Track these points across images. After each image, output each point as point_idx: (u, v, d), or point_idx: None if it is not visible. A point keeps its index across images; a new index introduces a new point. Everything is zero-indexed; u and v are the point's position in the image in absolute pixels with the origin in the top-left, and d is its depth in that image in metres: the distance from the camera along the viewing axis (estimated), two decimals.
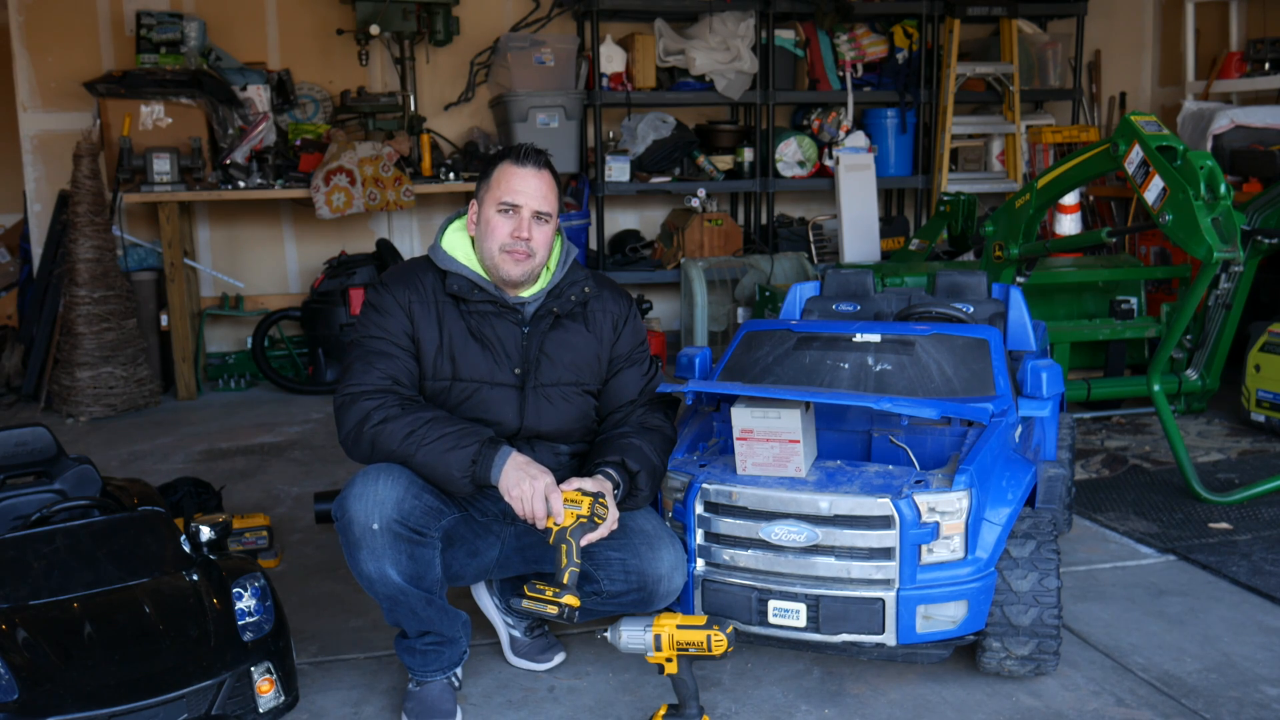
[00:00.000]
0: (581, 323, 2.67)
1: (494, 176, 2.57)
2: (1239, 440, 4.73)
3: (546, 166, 2.59)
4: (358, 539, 2.37)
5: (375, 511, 2.35)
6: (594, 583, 2.55)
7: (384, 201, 5.97)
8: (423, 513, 2.42)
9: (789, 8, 6.70)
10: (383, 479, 2.38)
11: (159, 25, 6.03)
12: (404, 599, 2.43)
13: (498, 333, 2.58)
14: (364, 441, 2.43)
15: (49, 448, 3.02)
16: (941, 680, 2.70)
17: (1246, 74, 6.80)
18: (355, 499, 2.37)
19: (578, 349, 2.65)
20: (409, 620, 2.49)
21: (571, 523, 2.33)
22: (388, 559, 2.37)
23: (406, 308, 2.56)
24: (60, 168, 6.11)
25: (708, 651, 2.28)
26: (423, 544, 2.42)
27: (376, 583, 2.40)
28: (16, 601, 2.43)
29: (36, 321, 5.96)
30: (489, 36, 6.71)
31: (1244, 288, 4.80)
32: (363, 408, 2.44)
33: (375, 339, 2.54)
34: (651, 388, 2.74)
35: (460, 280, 2.58)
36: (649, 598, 2.53)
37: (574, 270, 2.70)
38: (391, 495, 2.36)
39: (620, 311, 2.73)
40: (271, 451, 4.92)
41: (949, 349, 2.97)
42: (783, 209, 7.18)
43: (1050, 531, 2.60)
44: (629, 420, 2.67)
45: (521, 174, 2.55)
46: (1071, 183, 4.40)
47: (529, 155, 2.57)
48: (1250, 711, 2.54)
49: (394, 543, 2.37)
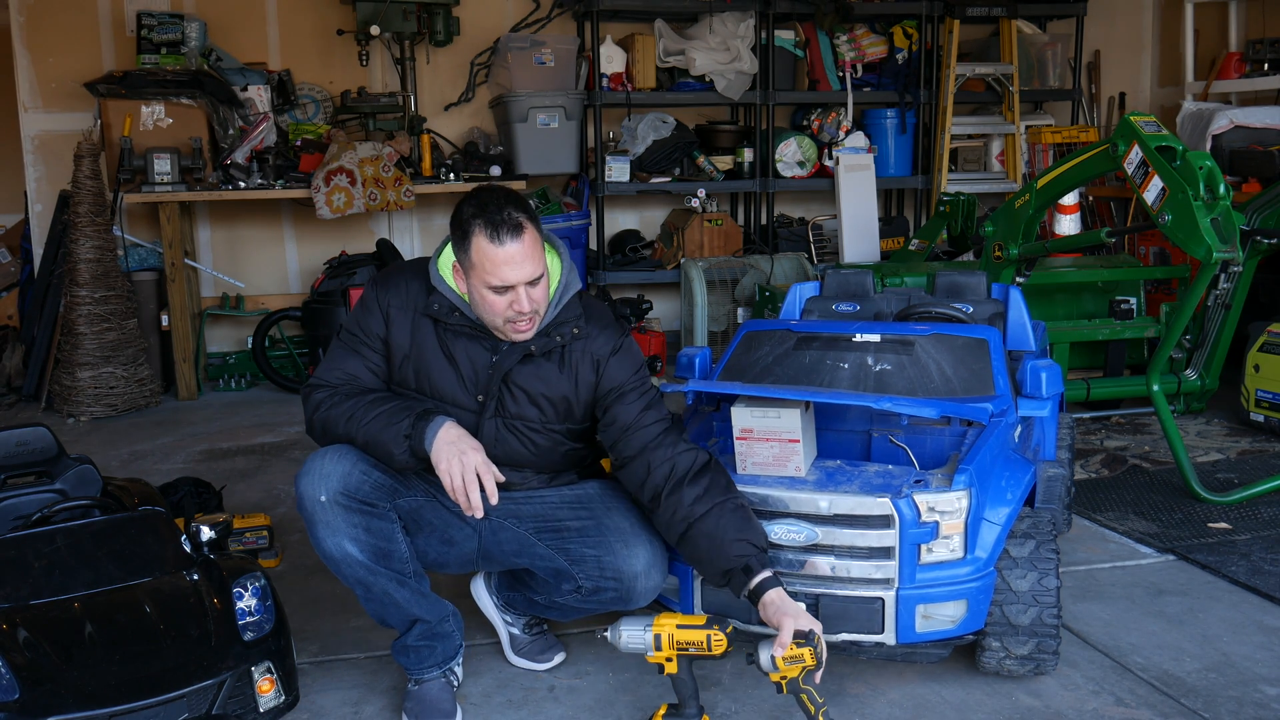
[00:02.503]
0: (556, 361, 2.54)
1: (473, 254, 2.37)
2: (1238, 440, 4.74)
3: (525, 224, 2.36)
4: (311, 514, 2.40)
5: (321, 485, 2.39)
6: (572, 580, 2.56)
7: (384, 202, 5.98)
8: (372, 487, 2.44)
9: (789, 8, 6.71)
10: (330, 455, 2.43)
11: (159, 26, 6.04)
12: (373, 580, 2.44)
13: (469, 354, 2.52)
14: (316, 429, 2.52)
15: (50, 448, 3.02)
16: (941, 680, 2.70)
17: (1246, 74, 6.80)
18: (304, 476, 2.42)
19: (548, 385, 2.53)
20: (390, 609, 2.50)
21: (798, 674, 2.24)
22: (343, 533, 2.39)
23: (385, 310, 2.56)
24: (61, 168, 6.12)
25: (708, 651, 2.27)
26: (375, 514, 2.43)
27: (340, 562, 2.42)
28: (17, 601, 2.43)
29: (37, 321, 5.96)
30: (489, 37, 6.71)
31: (1243, 288, 4.81)
32: (315, 400, 2.53)
33: (350, 334, 2.59)
34: (656, 411, 2.55)
35: (443, 302, 2.52)
36: (627, 594, 2.52)
37: (569, 308, 2.54)
38: (337, 470, 2.40)
39: (602, 349, 2.55)
40: (272, 451, 4.93)
41: (949, 349, 2.97)
42: (783, 209, 7.19)
43: (1050, 531, 2.60)
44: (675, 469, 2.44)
45: (504, 254, 2.34)
46: (1071, 183, 4.41)
47: (505, 230, 2.34)
48: (1249, 711, 2.54)
49: (345, 515, 2.39)
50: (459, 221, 2.41)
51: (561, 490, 2.68)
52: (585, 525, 2.58)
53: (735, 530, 2.36)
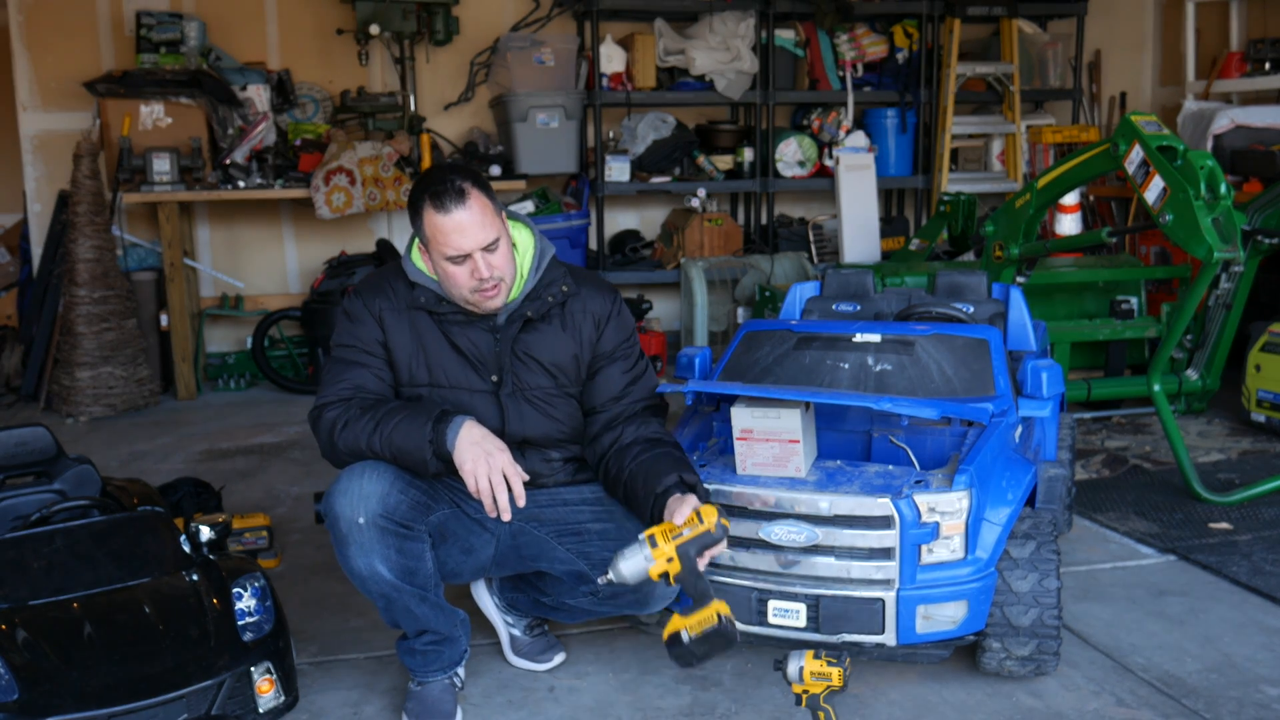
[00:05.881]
0: (558, 323, 2.56)
1: (426, 228, 2.40)
2: (1239, 440, 4.73)
3: (470, 190, 2.38)
4: (344, 535, 2.36)
5: (360, 506, 2.34)
6: (590, 583, 2.55)
7: (384, 201, 5.97)
8: (409, 507, 2.41)
9: (789, 8, 6.70)
10: (367, 474, 2.37)
11: (159, 25, 6.03)
12: (397, 596, 2.42)
13: (470, 339, 2.52)
14: (337, 450, 2.43)
15: (49, 448, 3.02)
16: (941, 680, 2.70)
17: (1247, 74, 6.80)
18: (340, 495, 2.36)
19: (554, 350, 2.56)
20: (405, 619, 2.48)
21: (822, 691, 2.20)
22: (376, 554, 2.36)
23: (378, 316, 2.53)
24: (60, 168, 6.11)
25: (701, 526, 2.19)
26: (410, 538, 2.41)
27: (368, 580, 2.39)
28: (16, 601, 2.43)
29: (36, 321, 5.96)
30: (489, 36, 6.71)
31: (1244, 288, 4.80)
32: (328, 419, 2.44)
33: (346, 348, 2.53)
34: (640, 387, 2.61)
35: (427, 293, 2.52)
36: (646, 598, 2.52)
37: (551, 269, 2.58)
38: (376, 490, 2.35)
39: (602, 309, 2.60)
40: (271, 451, 4.92)
41: (949, 349, 2.97)
42: (783, 209, 7.18)
43: (1050, 532, 2.60)
44: (624, 431, 2.54)
45: (452, 222, 2.36)
46: (1071, 183, 4.40)
47: (449, 198, 2.36)
48: (1250, 712, 2.54)
49: (381, 537, 2.36)
50: (411, 202, 2.45)
51: (582, 490, 2.65)
52: (606, 528, 2.57)
53: (672, 465, 2.40)
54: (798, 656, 2.20)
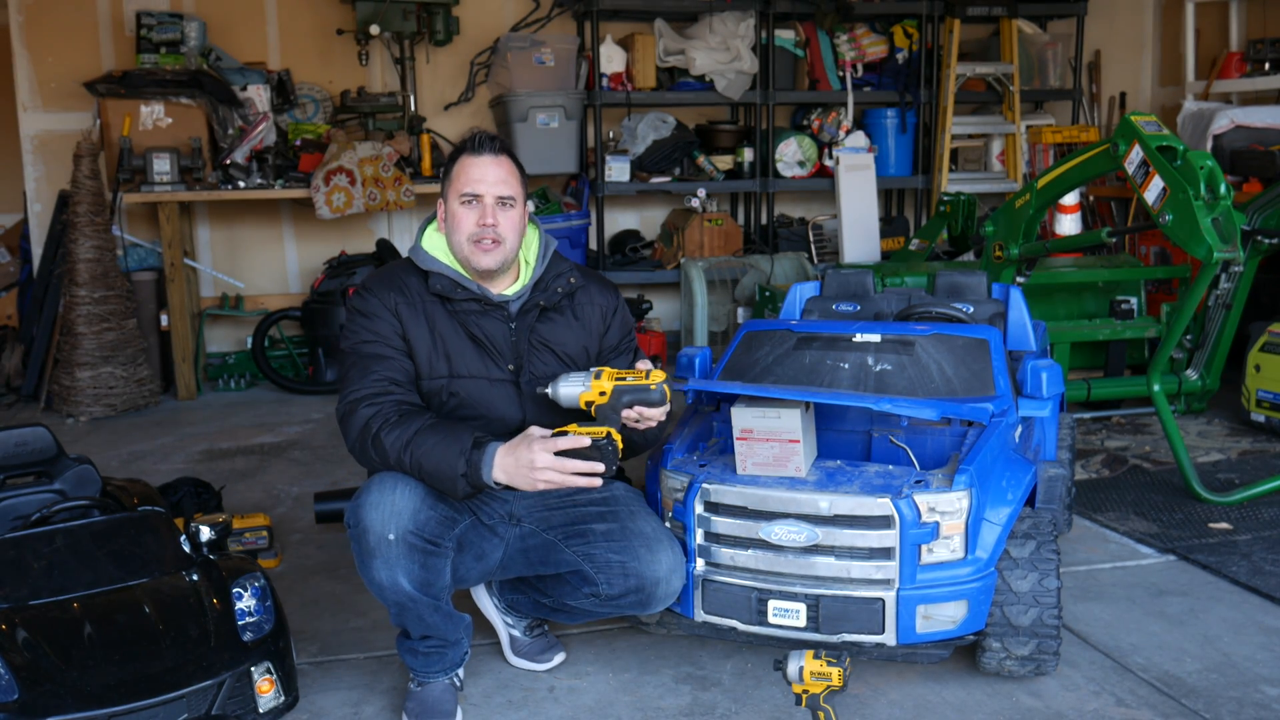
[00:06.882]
0: (569, 314, 2.67)
1: (453, 170, 2.57)
2: (1239, 440, 4.73)
3: (504, 151, 2.58)
4: (372, 548, 2.36)
5: (391, 522, 2.35)
6: (593, 585, 2.55)
7: (384, 201, 5.97)
8: (438, 522, 2.42)
9: (789, 8, 6.70)
10: (400, 489, 2.37)
11: (159, 25, 6.03)
12: (412, 606, 2.43)
13: (486, 331, 2.57)
14: (369, 451, 2.44)
15: (49, 448, 3.02)
16: (941, 680, 2.70)
17: (1246, 74, 6.80)
18: (371, 508, 2.36)
19: (566, 340, 2.65)
20: (414, 624, 2.49)
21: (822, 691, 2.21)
22: (400, 569, 2.37)
23: (394, 310, 2.55)
24: (60, 168, 6.11)
25: (645, 380, 2.39)
26: (436, 554, 2.42)
27: (387, 590, 2.40)
28: (16, 601, 2.43)
29: (36, 321, 5.96)
30: (489, 36, 6.71)
31: (1244, 288, 4.80)
32: (361, 416, 2.44)
33: (367, 343, 2.53)
34: None
35: (443, 280, 2.56)
36: (648, 599, 2.52)
37: (556, 262, 2.69)
38: (408, 506, 2.36)
39: (609, 303, 2.73)
40: (271, 451, 4.92)
41: (949, 349, 2.97)
42: (783, 209, 7.18)
43: (1050, 531, 2.60)
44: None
45: (478, 163, 2.54)
46: (1071, 183, 4.40)
47: (483, 143, 2.56)
48: (1250, 712, 2.54)
49: (409, 553, 2.37)
50: (450, 158, 2.62)
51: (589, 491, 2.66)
52: (610, 529, 2.57)
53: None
54: (798, 656, 2.21)
